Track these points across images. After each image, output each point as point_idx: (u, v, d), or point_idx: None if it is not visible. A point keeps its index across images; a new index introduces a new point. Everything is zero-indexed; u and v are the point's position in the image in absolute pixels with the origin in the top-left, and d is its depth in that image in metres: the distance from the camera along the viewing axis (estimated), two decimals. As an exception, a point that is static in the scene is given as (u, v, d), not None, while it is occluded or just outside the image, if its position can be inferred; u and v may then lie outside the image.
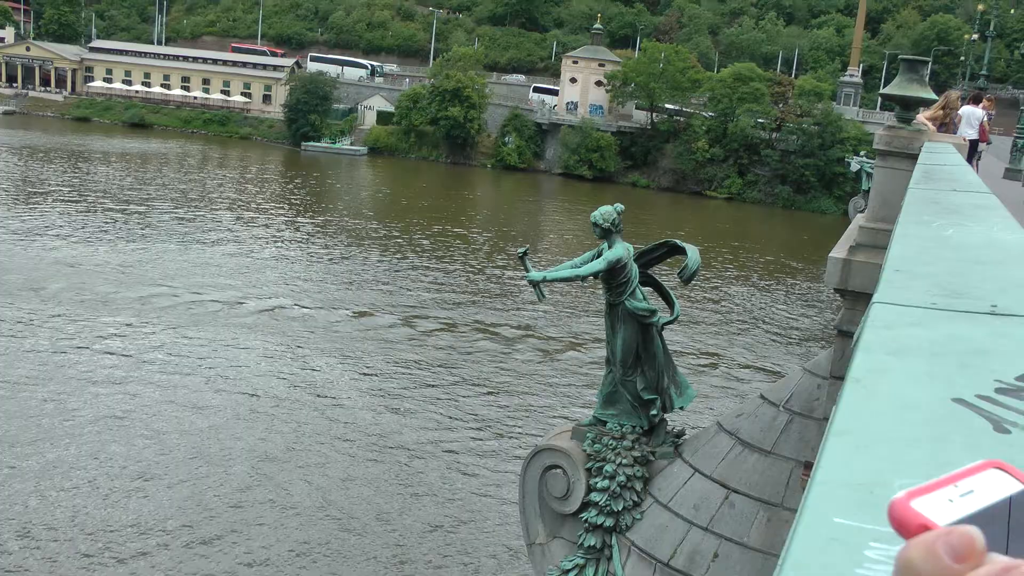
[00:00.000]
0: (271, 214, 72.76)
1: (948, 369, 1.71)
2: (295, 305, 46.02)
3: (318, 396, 34.56)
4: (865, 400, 1.52)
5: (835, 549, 0.97)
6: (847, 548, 0.97)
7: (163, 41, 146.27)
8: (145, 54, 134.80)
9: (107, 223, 61.97)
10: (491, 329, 45.05)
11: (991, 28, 76.77)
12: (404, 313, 46.50)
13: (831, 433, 1.33)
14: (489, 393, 36.47)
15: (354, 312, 45.97)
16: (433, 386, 36.71)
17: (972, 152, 21.77)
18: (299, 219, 71.47)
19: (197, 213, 69.25)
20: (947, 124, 21.76)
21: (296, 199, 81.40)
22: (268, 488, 27.23)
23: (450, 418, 33.59)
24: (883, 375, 1.67)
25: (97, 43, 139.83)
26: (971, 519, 0.71)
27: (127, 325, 40.32)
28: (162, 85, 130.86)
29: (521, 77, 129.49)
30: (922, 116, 19.16)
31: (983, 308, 2.30)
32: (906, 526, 0.73)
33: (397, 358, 39.57)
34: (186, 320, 41.74)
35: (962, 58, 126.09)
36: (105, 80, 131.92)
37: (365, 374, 37.40)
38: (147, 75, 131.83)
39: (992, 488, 0.74)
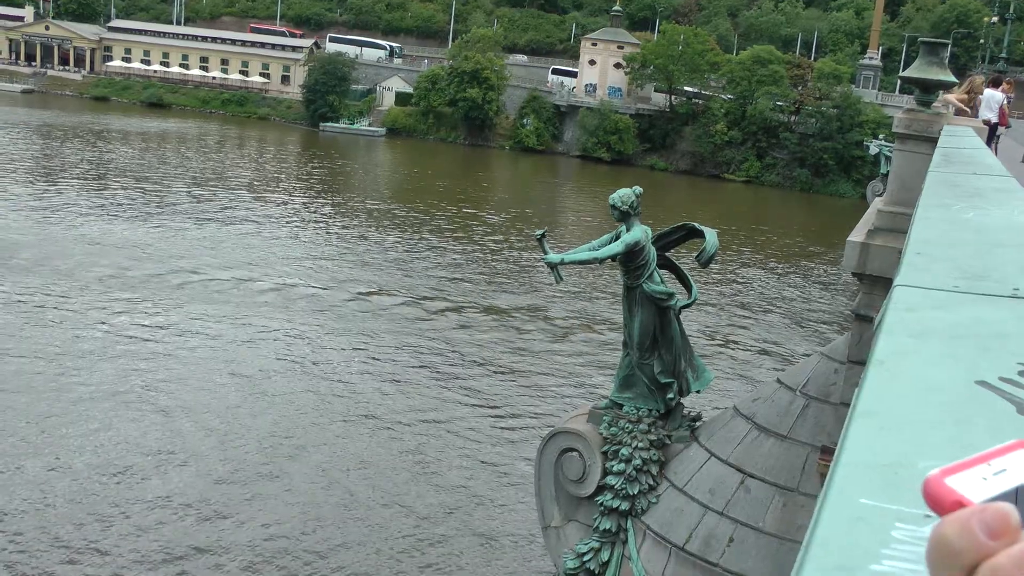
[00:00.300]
0: (289, 194, 72.87)
1: (971, 352, 1.70)
2: (311, 285, 46.10)
3: (332, 377, 34.64)
4: (889, 382, 1.52)
5: (861, 529, 0.97)
6: (873, 528, 0.97)
7: (182, 21, 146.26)
8: (164, 34, 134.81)
9: (125, 202, 62.17)
10: (507, 311, 45.05)
11: (1011, 11, 76.10)
12: (420, 294, 46.53)
13: (855, 415, 1.33)
14: (505, 375, 36.49)
15: (370, 293, 46.02)
16: (448, 367, 36.75)
17: (991, 136, 21.64)
18: (317, 200, 71.55)
19: (215, 193, 69.38)
20: (971, 108, 21.69)
21: (314, 180, 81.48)
22: (280, 466, 27.33)
23: (465, 400, 33.63)
24: (906, 357, 1.66)
25: (116, 23, 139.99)
26: (1005, 497, 0.71)
27: (144, 302, 40.50)
28: (180, 65, 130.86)
29: (522, 58, 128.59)
30: (951, 96, 19.08)
31: (1005, 292, 2.29)
32: (940, 503, 0.73)
33: (412, 339, 39.61)
34: (202, 298, 41.87)
35: (981, 41, 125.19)
36: (124, 60, 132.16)
37: (380, 355, 37.45)
38: (166, 55, 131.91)
39: None
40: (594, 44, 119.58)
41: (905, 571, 0.86)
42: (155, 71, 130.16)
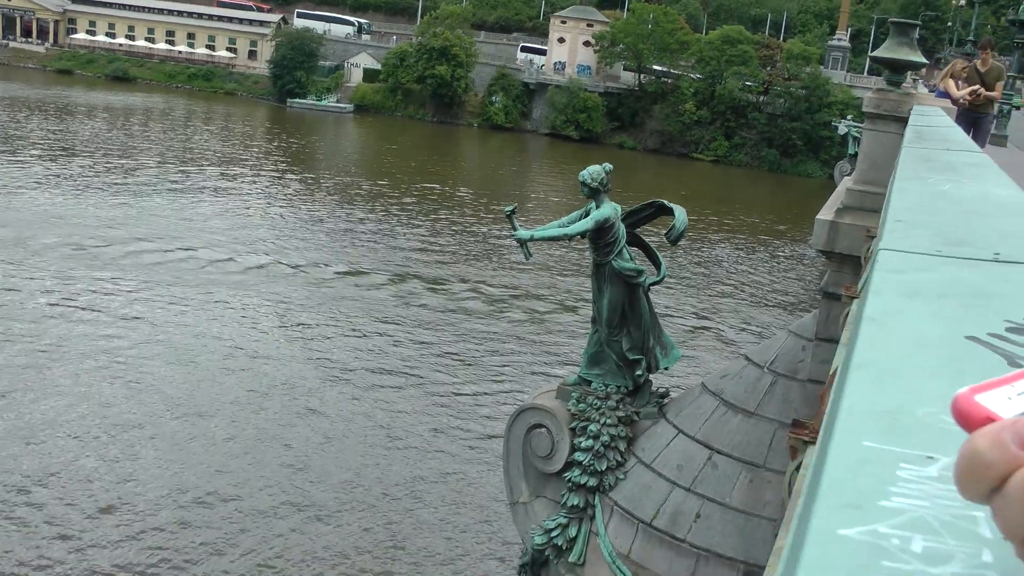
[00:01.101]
0: (257, 171, 72.41)
1: (958, 310, 1.71)
2: (279, 262, 45.90)
3: (301, 352, 34.56)
4: (882, 337, 1.53)
5: (868, 470, 0.98)
6: (879, 468, 0.97)
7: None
8: (129, 7, 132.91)
9: (90, 176, 61.60)
10: (477, 288, 45.05)
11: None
12: (389, 271, 46.45)
13: (851, 367, 1.34)
14: (474, 351, 36.52)
15: (339, 269, 45.90)
16: (417, 344, 36.73)
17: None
18: (285, 176, 71.15)
19: (182, 168, 68.87)
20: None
21: (282, 156, 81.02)
22: (248, 442, 27.28)
23: (434, 376, 33.63)
24: (896, 316, 1.67)
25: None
26: None
27: (112, 280, 40.19)
28: (146, 39, 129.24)
29: (481, 34, 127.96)
30: (951, 83, 19.17)
31: (986, 256, 2.31)
32: (970, 418, 0.74)
33: (381, 316, 39.56)
34: (170, 275, 41.60)
35: (949, 23, 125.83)
36: (88, 32, 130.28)
37: (349, 331, 37.38)
38: (131, 28, 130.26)
39: None
40: (563, 22, 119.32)
41: (914, 506, 0.87)
42: (120, 44, 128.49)
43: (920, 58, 13.27)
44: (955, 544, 0.84)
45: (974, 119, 18.72)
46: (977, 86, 18.84)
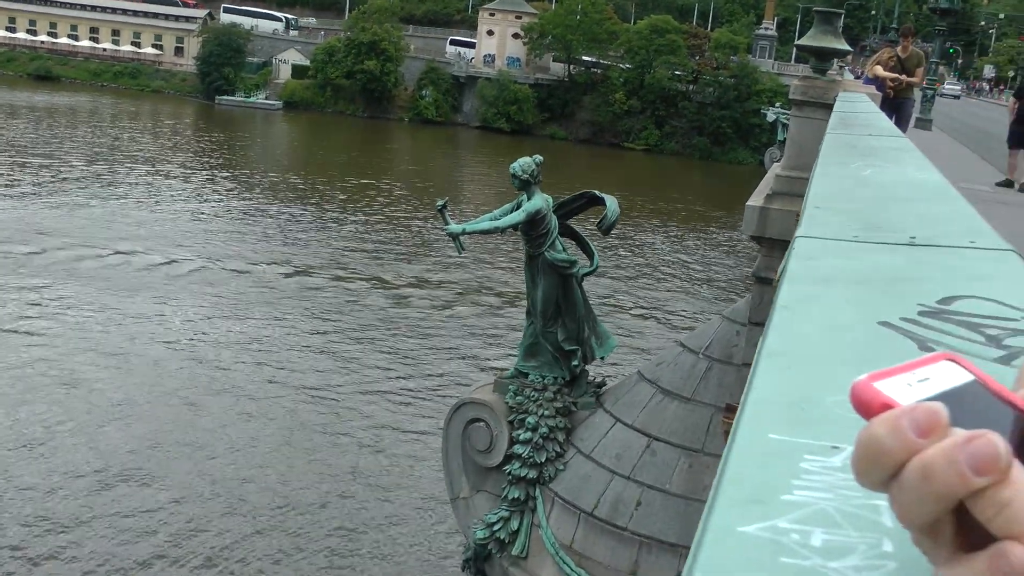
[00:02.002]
0: (187, 169, 71.55)
1: (872, 295, 1.73)
2: (213, 262, 45.42)
3: (237, 352, 34.23)
4: (794, 324, 1.53)
5: (772, 463, 0.98)
6: (783, 461, 0.97)
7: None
8: (51, 2, 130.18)
9: (15, 178, 60.45)
10: (412, 283, 44.93)
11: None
12: (324, 268, 46.17)
13: (762, 355, 1.34)
14: (411, 347, 36.41)
15: (274, 268, 45.52)
16: (352, 340, 36.55)
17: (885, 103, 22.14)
18: (215, 175, 70.36)
19: (110, 169, 67.80)
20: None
21: (212, 155, 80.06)
22: (185, 445, 26.98)
23: (371, 374, 33.49)
24: (810, 302, 1.68)
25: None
26: (930, 401, 0.73)
27: (42, 286, 39.45)
28: (69, 36, 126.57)
29: (410, 28, 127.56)
30: (880, 69, 19.64)
31: (902, 240, 2.33)
32: (869, 405, 0.74)
33: (316, 313, 39.32)
34: (101, 278, 40.98)
35: (873, 12, 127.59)
36: (8, 29, 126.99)
37: (286, 330, 37.10)
38: (53, 25, 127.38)
39: (946, 377, 0.77)
40: (492, 14, 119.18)
41: (815, 498, 0.87)
42: (42, 41, 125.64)
43: (844, 46, 13.47)
44: (856, 536, 0.84)
45: (896, 104, 19.07)
46: (899, 74, 19.20)
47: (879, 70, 19.61)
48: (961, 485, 0.67)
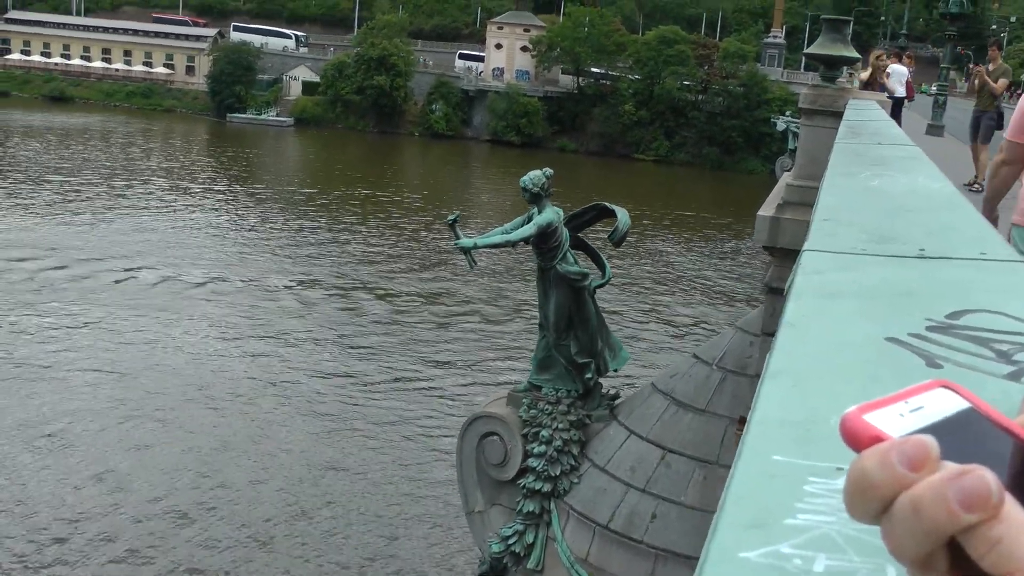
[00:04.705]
0: (200, 187, 71.73)
1: (880, 310, 1.71)
2: (226, 277, 45.50)
3: (249, 367, 34.26)
4: (799, 342, 1.52)
5: (775, 485, 0.97)
6: (786, 483, 0.96)
7: (82, 12, 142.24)
8: (64, 25, 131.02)
9: (32, 199, 60.74)
10: (424, 297, 44.96)
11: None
12: (337, 283, 46.23)
13: (767, 375, 1.33)
14: (424, 361, 36.41)
15: (287, 283, 45.59)
16: (365, 354, 36.57)
17: (896, 109, 22.16)
18: (228, 192, 70.56)
19: (125, 187, 68.04)
20: (872, 83, 22.25)
21: (225, 171, 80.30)
22: (197, 458, 27.01)
23: (384, 388, 33.48)
24: (816, 318, 1.67)
25: (13, 14, 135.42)
26: (922, 432, 0.71)
27: (56, 301, 39.58)
28: (82, 57, 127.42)
29: (419, 43, 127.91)
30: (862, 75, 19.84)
31: (911, 252, 2.32)
32: (858, 438, 0.73)
33: (329, 328, 39.35)
34: (116, 294, 41.10)
35: (882, 18, 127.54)
36: (23, 52, 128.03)
37: (298, 344, 37.13)
38: (66, 47, 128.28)
39: (941, 405, 0.75)
40: (500, 28, 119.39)
41: (818, 522, 0.86)
42: (56, 64, 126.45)
43: (853, 53, 13.47)
44: (859, 561, 0.83)
45: (976, 116, 19.52)
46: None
47: (1001, 85, 19.98)
48: (950, 522, 0.66)
